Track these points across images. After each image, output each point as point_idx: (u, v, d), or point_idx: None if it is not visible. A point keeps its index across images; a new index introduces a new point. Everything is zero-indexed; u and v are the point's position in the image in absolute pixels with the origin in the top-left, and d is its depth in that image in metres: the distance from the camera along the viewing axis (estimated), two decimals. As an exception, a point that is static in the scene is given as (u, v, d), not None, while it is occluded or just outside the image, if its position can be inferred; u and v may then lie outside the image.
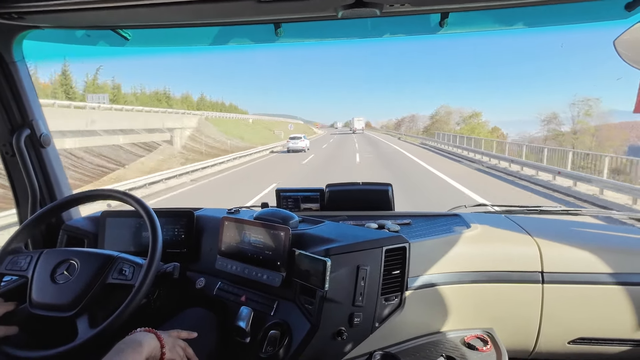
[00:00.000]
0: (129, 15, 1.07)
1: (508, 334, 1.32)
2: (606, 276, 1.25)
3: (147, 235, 1.08)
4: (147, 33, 1.30)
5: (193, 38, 1.36)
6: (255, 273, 1.18)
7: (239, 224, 1.25)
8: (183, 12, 1.04)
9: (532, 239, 1.33)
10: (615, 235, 1.45)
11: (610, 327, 1.28)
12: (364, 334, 1.13)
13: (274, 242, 1.16)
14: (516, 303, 1.29)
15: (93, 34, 1.29)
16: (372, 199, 1.70)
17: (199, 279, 1.32)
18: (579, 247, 1.31)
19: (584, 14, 1.14)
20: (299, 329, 1.08)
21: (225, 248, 1.27)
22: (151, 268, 1.02)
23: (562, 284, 1.26)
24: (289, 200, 1.73)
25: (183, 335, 0.99)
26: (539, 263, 1.27)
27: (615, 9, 1.05)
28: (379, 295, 1.13)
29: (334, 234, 1.18)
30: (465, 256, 1.30)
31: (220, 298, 1.25)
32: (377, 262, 1.13)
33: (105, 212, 1.43)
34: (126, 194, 1.14)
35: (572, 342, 1.30)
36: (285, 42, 1.31)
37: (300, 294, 1.12)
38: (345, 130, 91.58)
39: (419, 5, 1.00)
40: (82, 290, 1.01)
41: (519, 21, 1.18)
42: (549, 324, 1.28)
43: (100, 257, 1.07)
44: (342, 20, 1.13)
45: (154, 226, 1.08)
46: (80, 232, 1.44)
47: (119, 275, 1.04)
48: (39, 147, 1.41)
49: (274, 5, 0.96)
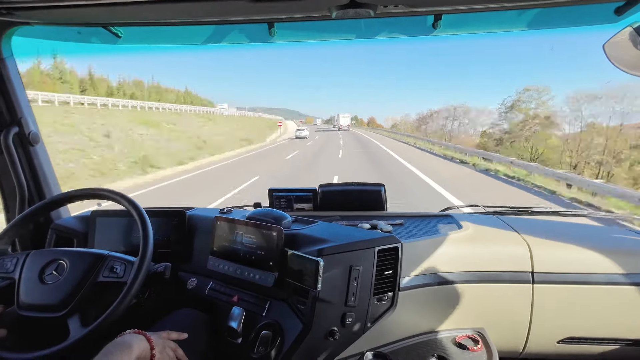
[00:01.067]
0: (121, 12, 1.05)
1: (499, 333, 1.33)
2: (595, 276, 1.26)
3: (138, 236, 1.08)
4: (140, 31, 1.29)
5: (186, 36, 1.35)
6: (248, 273, 1.17)
7: (231, 223, 1.24)
8: (176, 10, 1.03)
9: (523, 239, 1.35)
10: (604, 236, 1.47)
11: (598, 327, 1.30)
12: (356, 334, 1.13)
13: (266, 242, 1.16)
14: (507, 303, 1.30)
15: (84, 31, 1.27)
16: (365, 199, 1.70)
17: (190, 279, 1.31)
18: (569, 247, 1.32)
19: (575, 18, 1.15)
20: (291, 329, 1.07)
21: (217, 248, 1.26)
22: (143, 264, 1.02)
23: (551, 284, 1.27)
24: (281, 200, 1.72)
25: (173, 336, 0.99)
26: (529, 263, 1.29)
27: (605, 13, 1.07)
28: (372, 296, 1.14)
29: (326, 234, 1.18)
30: (457, 256, 1.31)
31: (212, 298, 1.24)
32: (369, 263, 1.13)
33: (95, 211, 1.41)
34: (117, 192, 1.13)
35: (562, 341, 1.32)
36: (279, 41, 1.31)
37: (293, 294, 1.12)
38: (328, 128, 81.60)
39: (412, 6, 1.00)
40: (72, 290, 1.00)
41: (511, 24, 1.19)
42: (539, 323, 1.30)
43: (90, 256, 1.06)
44: (337, 21, 1.13)
45: (145, 224, 1.07)
46: (69, 232, 1.43)
47: (110, 273, 1.04)
48: (28, 145, 1.39)
49: (268, 5, 0.96)
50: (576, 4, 1.01)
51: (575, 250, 1.31)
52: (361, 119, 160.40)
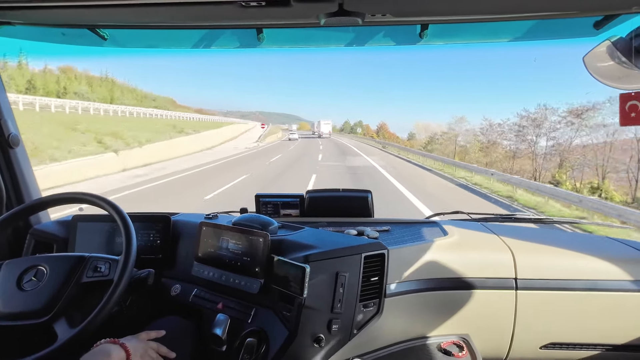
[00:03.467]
0: (107, 14, 1.04)
1: (483, 339, 1.34)
2: (575, 282, 1.29)
3: (120, 241, 1.06)
4: (126, 33, 1.28)
5: (173, 40, 1.34)
6: (233, 279, 1.16)
7: (217, 229, 1.23)
8: (163, 13, 1.02)
9: (507, 246, 1.37)
10: (585, 243, 1.50)
11: (580, 332, 1.32)
12: (342, 341, 1.13)
13: (252, 248, 1.15)
14: (491, 309, 1.31)
15: (69, 32, 1.25)
16: (351, 206, 1.71)
17: (174, 286, 1.29)
18: (550, 254, 1.35)
19: (556, 31, 1.19)
20: (276, 336, 1.06)
21: (202, 254, 1.24)
22: (129, 260, 1.01)
23: (534, 290, 1.30)
24: (268, 206, 1.71)
25: (152, 335, 0.99)
26: (513, 270, 1.31)
27: (585, 27, 1.11)
28: (358, 302, 1.13)
29: (313, 241, 1.17)
30: (443, 263, 1.32)
31: (196, 305, 1.22)
32: (356, 269, 1.13)
33: (76, 216, 1.38)
34: (99, 197, 1.11)
35: (544, 347, 1.34)
36: (268, 47, 1.31)
37: (279, 301, 1.11)
38: (307, 134, 75.07)
39: (399, 16, 1.02)
40: (55, 293, 0.98)
41: (495, 35, 1.23)
42: (522, 329, 1.31)
43: (71, 259, 1.05)
44: (325, 28, 1.14)
45: (127, 226, 1.06)
46: (49, 237, 1.39)
47: (95, 273, 1.02)
48: (7, 148, 1.35)
49: (257, 11, 0.96)
50: (557, 17, 1.04)
51: (557, 256, 1.34)
52: (367, 126, 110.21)
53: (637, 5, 0.90)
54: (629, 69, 0.98)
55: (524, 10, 0.98)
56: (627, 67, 0.98)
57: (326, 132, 63.46)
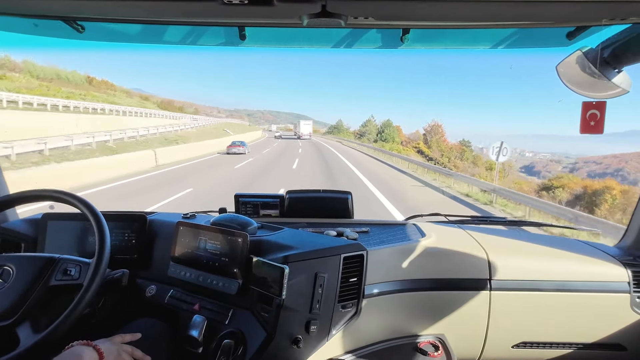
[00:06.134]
0: (83, 6, 1.01)
1: (458, 339, 1.37)
2: (546, 283, 1.33)
3: (94, 241, 1.02)
4: (104, 27, 1.24)
5: (154, 35, 1.31)
6: (211, 280, 1.14)
7: (194, 229, 1.21)
8: (143, 7, 1.00)
9: (482, 248, 1.40)
10: (555, 244, 1.56)
11: (550, 332, 1.37)
12: (320, 341, 1.13)
13: (231, 248, 1.13)
14: (466, 309, 1.34)
15: (42, 23, 1.20)
16: (331, 207, 1.71)
17: (149, 287, 1.25)
18: (523, 255, 1.39)
19: (531, 40, 1.23)
20: (254, 337, 1.05)
21: (179, 254, 1.22)
22: (101, 263, 0.97)
23: (506, 290, 1.33)
24: (248, 206, 1.70)
25: (127, 339, 0.95)
26: (487, 271, 1.34)
27: (558, 37, 1.16)
28: (336, 303, 1.14)
29: (292, 241, 1.17)
30: (420, 264, 1.34)
31: (172, 306, 1.20)
32: (335, 270, 1.13)
33: (46, 214, 1.33)
34: (71, 194, 1.07)
35: (516, 346, 1.38)
36: (250, 46, 1.30)
37: (257, 302, 1.10)
38: (289, 135, 72.27)
39: (381, 19, 1.04)
40: (20, 296, 0.93)
41: (474, 42, 1.26)
42: (495, 329, 1.35)
43: (39, 260, 1.00)
44: (308, 29, 1.15)
45: (101, 225, 1.02)
46: (16, 236, 1.33)
47: (64, 276, 0.98)
48: None
49: (238, 9, 0.95)
50: (533, 26, 1.08)
51: (529, 258, 1.39)
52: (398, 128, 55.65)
53: (606, 18, 0.94)
54: (596, 78, 1.02)
55: (502, 19, 1.01)
56: (595, 76, 1.02)
57: (306, 134, 60.22)
